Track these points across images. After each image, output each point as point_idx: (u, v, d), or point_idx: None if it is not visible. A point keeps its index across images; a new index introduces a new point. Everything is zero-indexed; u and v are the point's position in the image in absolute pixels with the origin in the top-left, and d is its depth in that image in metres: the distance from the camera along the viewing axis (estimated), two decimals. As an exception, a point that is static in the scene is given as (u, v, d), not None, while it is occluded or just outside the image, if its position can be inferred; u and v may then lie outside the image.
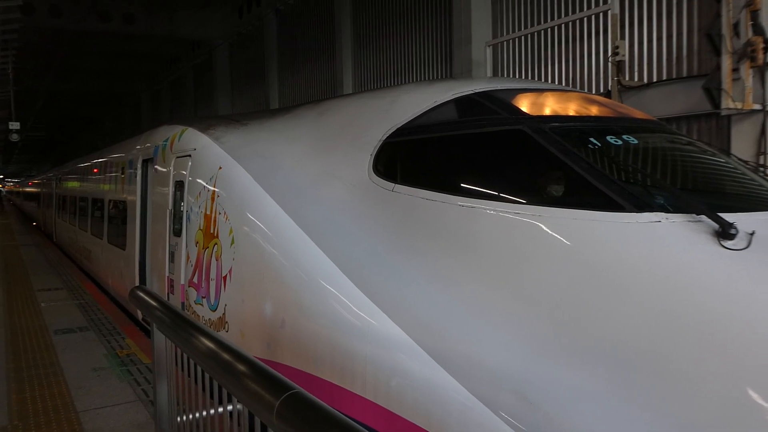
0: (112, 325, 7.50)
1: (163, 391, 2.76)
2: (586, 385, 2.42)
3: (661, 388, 2.29)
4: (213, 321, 4.75)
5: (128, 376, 5.39)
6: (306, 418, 1.32)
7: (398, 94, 4.37)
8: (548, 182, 3.26)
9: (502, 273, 2.95)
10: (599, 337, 2.52)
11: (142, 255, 7.37)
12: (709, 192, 3.49)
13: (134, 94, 35.72)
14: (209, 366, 1.95)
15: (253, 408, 1.55)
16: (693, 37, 7.37)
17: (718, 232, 2.60)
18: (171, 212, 6.01)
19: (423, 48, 12.50)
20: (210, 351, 1.92)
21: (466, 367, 2.72)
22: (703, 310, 2.37)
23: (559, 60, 9.22)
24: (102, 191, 10.81)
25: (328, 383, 3.36)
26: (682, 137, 4.03)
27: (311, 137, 4.71)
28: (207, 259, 4.95)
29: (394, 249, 3.42)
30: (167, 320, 2.51)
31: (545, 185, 3.26)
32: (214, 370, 1.90)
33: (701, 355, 2.27)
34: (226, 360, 1.77)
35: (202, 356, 1.99)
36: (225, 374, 1.75)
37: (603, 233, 2.79)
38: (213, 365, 1.89)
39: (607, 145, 3.31)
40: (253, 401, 1.54)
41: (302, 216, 3.99)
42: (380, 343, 3.08)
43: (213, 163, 5.13)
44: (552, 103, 3.69)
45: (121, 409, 4.58)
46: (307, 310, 3.58)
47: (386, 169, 3.83)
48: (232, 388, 1.71)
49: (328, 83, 16.34)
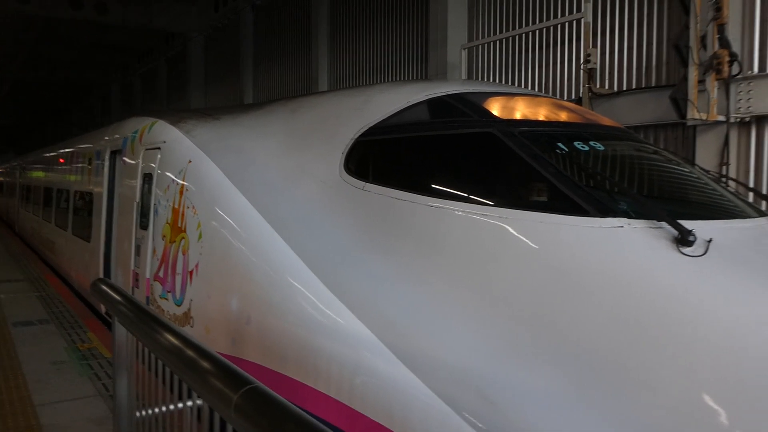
0: (74, 319, 7.34)
1: (123, 386, 2.72)
2: (546, 385, 2.46)
3: (618, 390, 2.34)
4: (178, 316, 4.69)
5: (88, 371, 5.29)
6: (264, 412, 1.32)
7: (372, 93, 4.38)
8: (516, 185, 3.30)
9: (468, 273, 2.99)
10: (560, 339, 2.57)
11: (107, 248, 7.24)
12: (671, 200, 3.58)
13: (105, 84, 35.00)
14: (169, 360, 1.93)
15: (212, 402, 1.54)
16: (662, 47, 7.54)
17: (678, 238, 2.67)
18: (138, 205, 5.92)
19: (399, 48, 12.52)
20: (170, 344, 1.90)
21: (430, 366, 2.75)
22: (659, 315, 2.43)
23: (532, 65, 9.34)
24: (68, 182, 10.58)
25: (293, 380, 3.35)
26: (648, 146, 4.12)
27: (284, 134, 4.69)
28: (174, 253, 4.89)
29: (363, 247, 3.43)
30: (129, 313, 2.47)
31: (513, 188, 3.31)
32: (173, 364, 1.88)
33: (656, 358, 2.33)
34: (186, 353, 1.75)
35: (163, 350, 1.97)
36: (184, 368, 1.73)
37: (567, 237, 2.85)
38: (173, 359, 1.87)
39: (574, 151, 3.37)
40: (211, 395, 1.53)
41: (272, 212, 3.96)
42: (346, 341, 3.08)
43: (183, 156, 5.06)
44: (522, 107, 3.75)
45: (79, 404, 4.49)
46: (274, 306, 3.56)
47: (358, 167, 3.84)
48: (191, 382, 1.69)
49: (304, 80, 16.25)
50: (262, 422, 1.29)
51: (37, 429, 4.08)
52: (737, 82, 6.47)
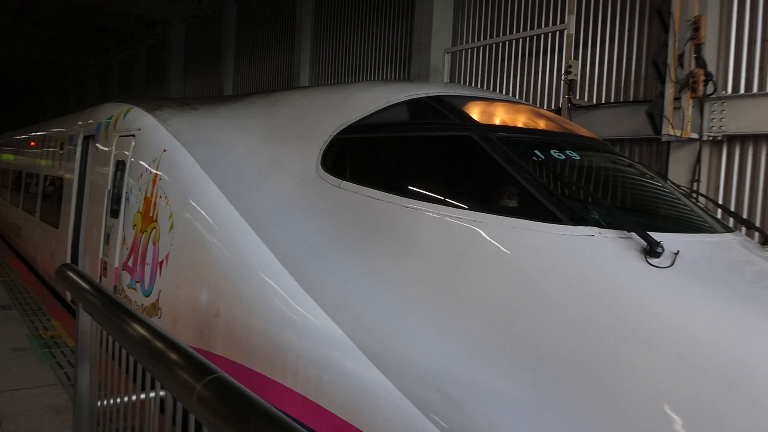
0: (38, 306, 7.18)
1: (85, 375, 2.66)
2: (510, 388, 2.48)
3: (580, 395, 2.37)
4: (146, 306, 4.62)
5: (50, 359, 5.18)
6: (227, 402, 1.30)
7: (352, 91, 4.37)
8: (491, 190, 3.33)
9: (440, 276, 3.00)
10: (526, 344, 2.59)
11: (75, 235, 7.10)
12: (642, 212, 3.64)
13: (82, 68, 34.31)
14: (132, 348, 1.89)
15: (174, 392, 1.51)
16: (642, 63, 7.67)
17: (646, 249, 2.72)
18: (110, 193, 5.81)
19: (383, 49, 12.53)
20: (135, 333, 1.86)
21: (397, 366, 2.75)
22: (623, 323, 2.47)
23: (515, 73, 9.42)
24: (38, 166, 10.34)
25: (260, 375, 3.32)
26: (623, 158, 4.19)
27: (262, 127, 4.65)
28: (144, 242, 4.81)
29: (336, 245, 3.42)
30: (94, 300, 2.42)
31: (488, 192, 3.33)
32: (137, 353, 1.84)
33: (617, 366, 2.37)
34: (151, 342, 1.72)
35: (126, 338, 1.93)
36: (148, 357, 1.70)
37: (538, 243, 2.88)
38: (136, 347, 1.83)
39: (550, 159, 3.41)
40: (174, 385, 1.50)
41: (246, 206, 3.93)
42: (314, 338, 3.07)
43: (157, 145, 4.98)
44: (502, 113, 3.77)
45: (39, 392, 4.39)
46: (244, 300, 3.53)
47: (334, 165, 3.82)
48: (155, 371, 1.66)
49: (285, 75, 16.15)
50: (224, 412, 1.28)
51: (-6, 416, 3.99)
52: (711, 102, 6.62)
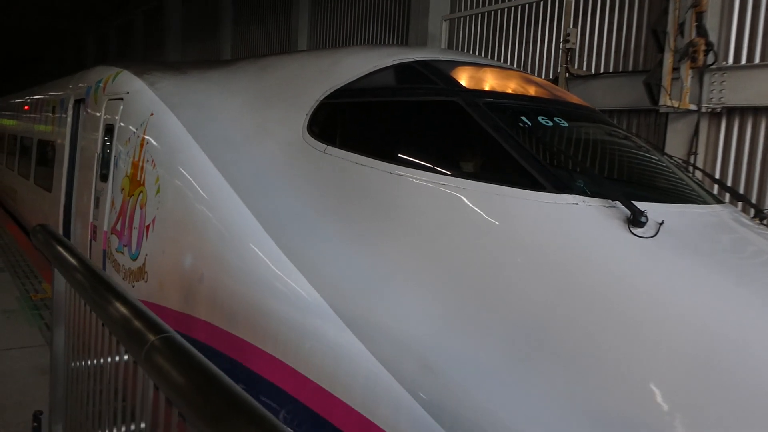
0: (30, 268, 7.20)
1: (60, 336, 2.65)
2: (487, 357, 2.46)
3: (557, 365, 2.36)
4: (133, 270, 4.61)
5: (39, 321, 5.20)
6: (174, 362, 1.28)
7: (341, 55, 4.28)
8: (476, 156, 3.27)
9: (421, 242, 2.97)
10: (505, 312, 2.57)
11: (67, 199, 7.07)
12: (629, 181, 3.59)
13: (79, 35, 33.87)
14: (100, 311, 1.87)
15: (129, 348, 1.50)
16: (641, 32, 7.51)
17: (630, 219, 2.68)
18: (99, 157, 5.76)
19: (381, 16, 12.31)
20: (99, 296, 1.84)
21: (376, 333, 2.73)
22: (602, 292, 2.45)
23: (512, 42, 9.26)
24: (31, 130, 10.27)
25: (241, 340, 3.32)
26: (613, 126, 4.12)
27: (249, 92, 4.58)
28: (131, 206, 4.78)
29: (319, 211, 3.39)
30: (67, 261, 2.40)
31: (473, 159, 3.28)
32: (103, 315, 1.81)
33: (594, 334, 2.35)
34: (105, 296, 1.70)
35: (93, 302, 1.91)
36: (108, 318, 1.68)
37: (522, 210, 2.84)
38: (100, 310, 1.81)
39: (537, 126, 3.34)
40: (128, 341, 1.48)
41: (231, 170, 3.88)
42: (295, 304, 3.06)
43: (145, 108, 4.92)
44: (490, 78, 3.70)
45: (26, 353, 4.42)
46: (227, 266, 3.51)
47: (321, 130, 3.76)
48: (111, 325, 1.64)
49: (283, 43, 15.93)
50: (171, 371, 1.25)
51: (-21, 377, 4.01)
52: (711, 72, 6.50)
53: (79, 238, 6.17)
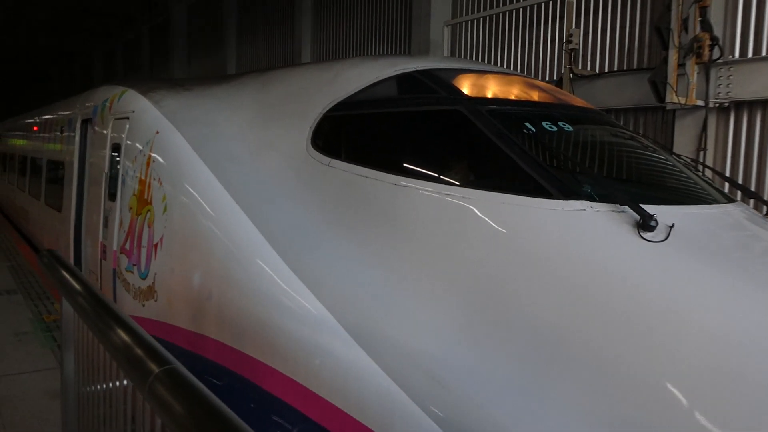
0: (42, 289, 7.24)
1: (70, 360, 2.65)
2: (499, 370, 2.43)
3: (571, 375, 2.32)
4: (143, 289, 4.62)
5: (52, 343, 5.22)
6: (177, 394, 1.26)
7: (343, 67, 4.28)
8: (481, 165, 3.25)
9: (428, 255, 2.94)
10: (516, 323, 2.53)
11: (77, 218, 7.11)
12: (637, 184, 3.54)
13: (87, 52, 34.25)
14: (100, 337, 1.86)
15: (133, 379, 1.48)
16: (645, 29, 7.45)
17: (639, 223, 2.63)
18: (107, 176, 5.80)
19: (383, 23, 12.32)
20: (102, 322, 1.83)
21: (385, 348, 2.71)
22: (613, 300, 2.40)
23: (515, 45, 9.22)
24: (41, 150, 10.37)
25: (251, 358, 3.30)
26: (619, 128, 4.07)
27: (253, 106, 4.59)
28: (139, 225, 4.80)
29: (324, 225, 3.37)
30: (71, 287, 2.40)
31: (478, 168, 3.25)
32: (101, 335, 1.80)
33: (607, 343, 2.31)
34: (114, 330, 1.68)
35: (97, 329, 1.90)
36: (110, 346, 1.67)
37: (529, 219, 2.80)
38: (102, 337, 1.80)
39: (542, 131, 3.31)
40: (131, 373, 1.47)
41: (236, 186, 3.88)
42: (303, 320, 3.03)
43: (150, 126, 4.94)
44: (492, 85, 3.67)
45: (38, 376, 4.43)
46: (235, 283, 3.50)
47: (324, 143, 3.76)
48: (114, 353, 1.63)
49: (287, 54, 15.99)
50: (174, 405, 1.24)
51: (-7, 401, 4.02)
52: (717, 67, 6.42)
53: (89, 258, 6.20)
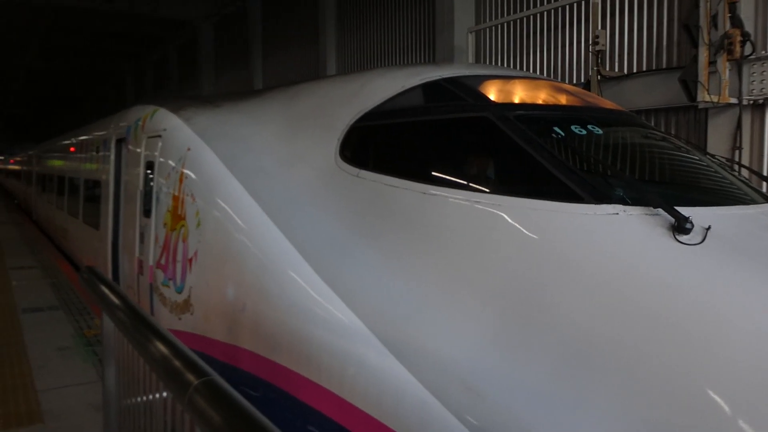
0: (82, 305, 7.42)
1: (111, 374, 2.72)
2: (534, 378, 2.40)
3: (608, 383, 2.28)
4: (179, 303, 4.70)
5: (93, 357, 5.34)
6: (217, 407, 1.29)
7: (368, 78, 4.31)
8: (510, 171, 3.23)
9: (460, 263, 2.93)
10: (550, 331, 2.50)
11: (114, 235, 7.29)
12: (671, 185, 3.48)
13: (118, 73, 35.17)
14: (138, 345, 1.91)
15: (173, 391, 1.52)
16: (673, 27, 7.35)
17: (674, 225, 2.59)
18: (142, 193, 5.93)
19: (406, 33, 12.38)
20: (141, 336, 1.88)
21: (418, 357, 2.70)
22: (650, 305, 2.36)
23: (540, 49, 9.17)
24: (78, 170, 10.67)
25: (286, 369, 3.33)
26: (650, 129, 4.01)
27: (281, 120, 4.65)
28: (174, 240, 4.89)
29: (355, 236, 3.39)
30: (112, 303, 2.46)
31: (507, 174, 3.24)
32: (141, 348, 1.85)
33: (645, 350, 2.27)
34: (152, 343, 1.73)
35: (137, 343, 1.95)
36: (150, 358, 1.71)
37: (561, 224, 2.77)
38: (143, 350, 1.84)
39: (571, 135, 3.28)
40: (171, 385, 1.50)
41: (267, 199, 3.93)
42: (336, 331, 3.05)
43: (182, 143, 5.05)
44: (519, 90, 3.66)
45: (81, 390, 4.53)
46: (267, 295, 3.54)
47: (352, 154, 3.78)
48: (153, 365, 1.67)
49: (312, 66, 16.18)
50: (213, 416, 1.26)
51: (38, 414, 4.12)
52: (750, 63, 6.30)
53: (127, 274, 6.34)
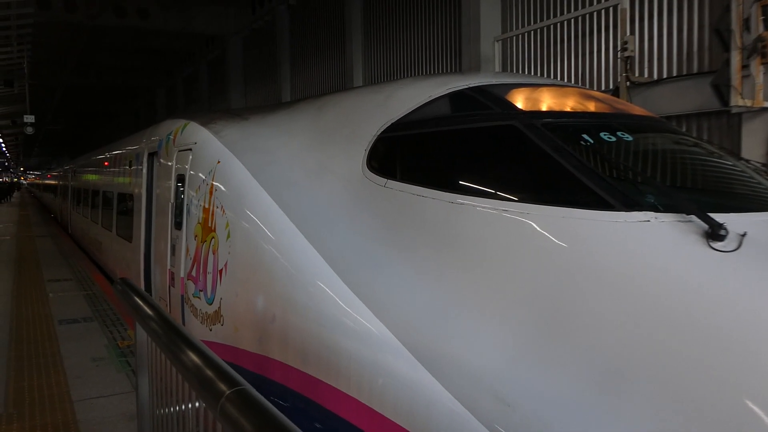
0: (116, 316, 7.56)
1: (145, 384, 2.76)
2: (566, 389, 2.37)
3: (643, 394, 2.23)
4: (210, 314, 4.76)
5: (126, 367, 5.43)
6: (248, 414, 1.30)
7: (395, 88, 4.33)
8: (539, 179, 3.20)
9: (489, 272, 2.91)
10: (582, 341, 2.47)
11: (147, 247, 7.42)
12: (704, 192, 3.41)
13: (150, 89, 35.99)
14: (174, 361, 1.94)
15: (203, 399, 1.54)
16: (704, 32, 7.23)
17: (708, 232, 2.53)
18: (173, 205, 6.04)
19: (432, 43, 12.42)
20: (174, 345, 1.91)
21: (448, 367, 2.69)
22: (684, 314, 2.31)
23: (568, 56, 9.10)
24: (111, 184, 10.91)
25: (315, 379, 3.34)
26: (681, 135, 3.95)
27: (308, 132, 4.70)
28: (205, 252, 4.96)
29: (383, 246, 3.39)
30: (144, 313, 2.51)
31: (536, 182, 3.21)
32: (173, 358, 1.87)
33: (680, 360, 2.21)
34: (185, 353, 1.75)
35: (170, 352, 1.98)
36: (181, 366, 1.74)
37: (591, 232, 2.74)
38: (175, 360, 1.87)
39: (600, 142, 3.24)
40: (203, 394, 1.53)
41: (295, 211, 3.97)
42: (365, 341, 3.05)
43: (212, 156, 5.13)
44: (547, 98, 3.63)
45: (115, 400, 4.61)
46: (297, 305, 3.56)
47: (380, 164, 3.80)
48: (185, 375, 1.70)
49: (339, 78, 16.33)
50: (245, 426, 1.27)
51: (74, 424, 4.21)
52: (785, 66, 6.15)
53: (159, 285, 6.45)
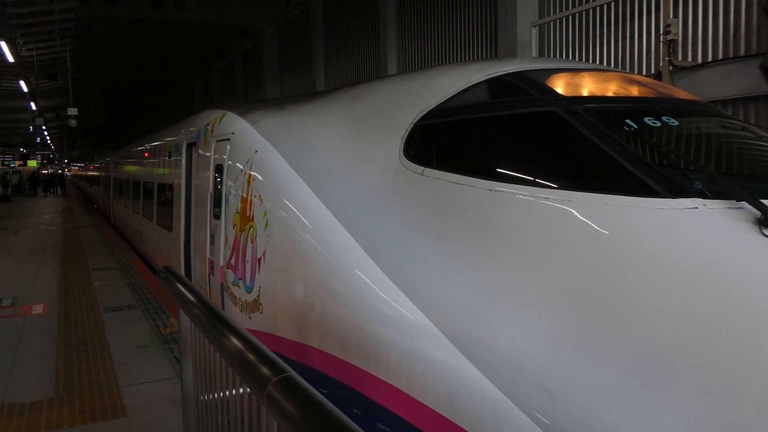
0: (158, 304, 7.75)
1: (189, 371, 2.82)
2: (610, 379, 2.32)
3: (692, 387, 2.18)
4: (249, 302, 4.83)
5: (169, 354, 5.56)
6: (294, 401, 1.31)
7: (431, 76, 4.29)
8: (581, 166, 3.13)
9: (530, 260, 2.87)
10: (627, 331, 2.42)
11: (186, 237, 7.57)
12: (756, 178, 3.29)
13: (187, 80, 36.56)
14: (219, 348, 1.97)
15: (249, 385, 1.56)
16: (752, 13, 6.95)
17: (760, 219, 2.45)
18: (211, 195, 6.13)
19: (467, 29, 12.27)
20: (217, 332, 1.94)
21: (488, 356, 2.67)
22: (737, 304, 2.24)
23: (607, 40, 8.88)
24: (151, 174, 11.15)
25: (355, 367, 3.36)
26: (730, 119, 3.81)
27: (345, 120, 4.70)
28: (243, 241, 5.03)
29: (422, 234, 3.38)
30: (189, 300, 2.56)
31: (577, 169, 3.14)
32: (217, 343, 1.90)
33: (733, 352, 2.15)
34: (230, 340, 1.78)
35: (214, 339, 2.01)
36: (228, 355, 1.77)
37: (636, 220, 2.67)
38: (220, 347, 1.90)
39: (644, 128, 3.16)
40: (249, 382, 1.55)
41: (333, 199, 3.98)
42: (404, 329, 3.05)
43: (250, 146, 5.18)
44: (588, 83, 3.55)
45: (159, 385, 4.73)
46: (335, 293, 3.58)
47: (417, 152, 3.78)
48: (230, 361, 1.72)
49: (373, 67, 16.29)
50: (292, 411, 1.29)
51: (121, 409, 4.34)
52: (839, 46, 5.89)
53: (198, 274, 6.57)
